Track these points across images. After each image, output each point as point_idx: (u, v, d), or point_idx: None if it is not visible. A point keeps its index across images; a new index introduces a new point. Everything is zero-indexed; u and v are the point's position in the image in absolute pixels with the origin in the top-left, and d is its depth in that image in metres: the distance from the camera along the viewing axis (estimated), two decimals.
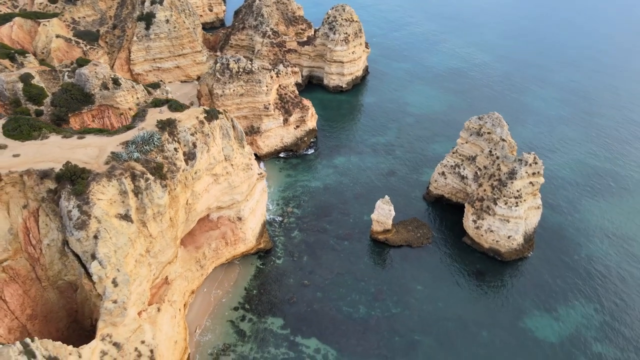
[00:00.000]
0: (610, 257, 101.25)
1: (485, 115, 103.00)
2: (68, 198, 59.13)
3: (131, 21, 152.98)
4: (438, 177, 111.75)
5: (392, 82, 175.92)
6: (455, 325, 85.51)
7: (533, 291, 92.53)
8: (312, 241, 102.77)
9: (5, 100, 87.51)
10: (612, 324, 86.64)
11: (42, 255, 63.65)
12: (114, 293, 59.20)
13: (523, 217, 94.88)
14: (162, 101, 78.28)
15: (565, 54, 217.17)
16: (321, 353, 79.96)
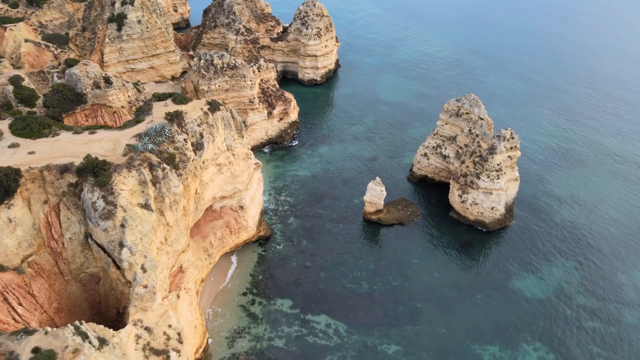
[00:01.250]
0: (581, 221, 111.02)
1: (462, 97, 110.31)
2: (92, 190, 60.63)
3: (101, 23, 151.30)
4: (421, 159, 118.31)
5: (363, 74, 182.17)
6: (451, 292, 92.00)
7: (517, 255, 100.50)
8: (309, 226, 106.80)
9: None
10: (590, 278, 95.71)
11: (65, 249, 64.71)
12: (144, 278, 61.29)
13: (504, 189, 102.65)
14: (166, 95, 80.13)
15: (519, 40, 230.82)
16: (332, 327, 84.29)
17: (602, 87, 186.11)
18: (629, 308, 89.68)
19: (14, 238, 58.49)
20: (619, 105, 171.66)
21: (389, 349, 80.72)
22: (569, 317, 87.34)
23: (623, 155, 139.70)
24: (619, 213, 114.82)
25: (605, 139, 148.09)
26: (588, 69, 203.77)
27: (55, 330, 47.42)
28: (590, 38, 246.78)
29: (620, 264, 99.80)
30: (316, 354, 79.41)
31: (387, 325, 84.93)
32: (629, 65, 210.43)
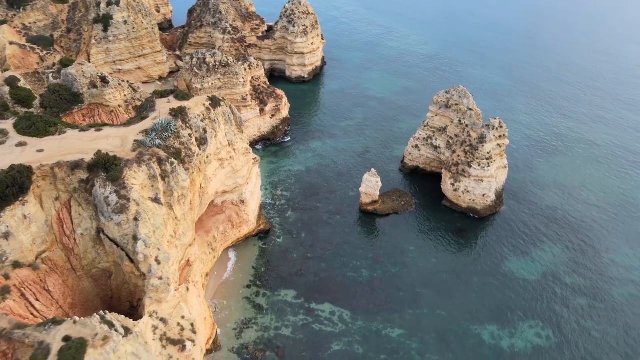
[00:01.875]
0: (566, 204, 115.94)
1: (451, 88, 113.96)
2: (104, 185, 61.55)
3: (87, 24, 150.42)
4: (412, 150, 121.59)
5: (349, 71, 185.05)
6: (449, 276, 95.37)
7: (509, 240, 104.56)
8: (307, 219, 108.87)
9: None
10: (577, 259, 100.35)
11: (76, 245, 65.40)
12: (159, 270, 62.51)
13: (494, 176, 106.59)
14: (167, 92, 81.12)
15: (499, 35, 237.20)
16: (337, 315, 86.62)
17: (577, 78, 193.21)
18: (615, 284, 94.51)
19: (29, 234, 59.04)
20: (593, 95, 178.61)
21: (392, 333, 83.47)
22: (560, 296, 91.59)
23: (600, 142, 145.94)
24: (600, 196, 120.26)
25: (583, 127, 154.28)
26: (564, 62, 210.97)
27: (84, 320, 48.56)
28: (566, 33, 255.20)
29: (604, 244, 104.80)
30: (323, 340, 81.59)
31: (389, 311, 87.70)
32: (602, 58, 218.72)
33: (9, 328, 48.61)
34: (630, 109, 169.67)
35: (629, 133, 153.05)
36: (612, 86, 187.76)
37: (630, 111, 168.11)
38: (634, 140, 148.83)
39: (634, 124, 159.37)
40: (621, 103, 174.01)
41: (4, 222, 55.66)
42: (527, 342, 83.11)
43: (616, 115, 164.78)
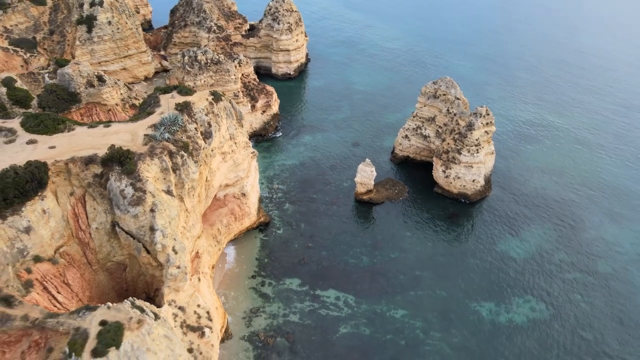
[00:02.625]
0: (549, 187, 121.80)
1: (438, 79, 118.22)
2: (119, 178, 62.82)
3: (70, 25, 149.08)
4: (402, 140, 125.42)
5: (332, 66, 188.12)
6: (446, 259, 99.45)
7: (499, 222, 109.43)
8: (304, 210, 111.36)
9: None
10: (565, 236, 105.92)
11: (92, 239, 66.40)
12: (176, 259, 64.21)
13: (483, 162, 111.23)
14: (170, 87, 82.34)
15: (477, 29, 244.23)
16: (342, 300, 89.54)
17: (551, 70, 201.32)
18: (601, 259, 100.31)
19: (48, 229, 59.93)
20: (566, 85, 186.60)
21: (396, 314, 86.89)
22: (551, 271, 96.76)
23: (573, 128, 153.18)
24: (579, 179, 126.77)
25: (560, 115, 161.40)
26: (539, 55, 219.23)
27: (117, 305, 50.15)
28: (540, 28, 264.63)
29: (588, 221, 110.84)
30: (330, 324, 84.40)
31: (391, 293, 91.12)
32: (573, 52, 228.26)
33: (42, 317, 49.80)
34: (595, 96, 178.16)
35: (598, 118, 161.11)
36: (578, 77, 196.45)
37: (596, 98, 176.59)
38: (603, 124, 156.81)
39: (600, 109, 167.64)
40: (588, 91, 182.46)
41: (25, 217, 56.51)
42: (523, 315, 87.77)
43: (585, 102, 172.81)
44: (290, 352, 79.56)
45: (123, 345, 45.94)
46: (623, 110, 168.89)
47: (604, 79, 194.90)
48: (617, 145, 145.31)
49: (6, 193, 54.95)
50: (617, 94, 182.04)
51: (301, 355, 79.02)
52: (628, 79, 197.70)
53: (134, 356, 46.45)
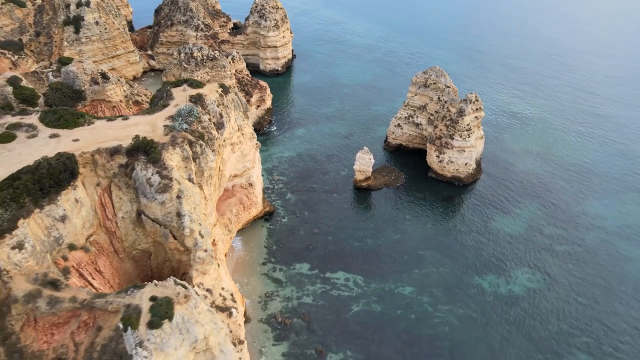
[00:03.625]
0: (535, 169, 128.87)
1: (428, 69, 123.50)
2: (145, 167, 65.07)
3: (56, 26, 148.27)
4: (395, 129, 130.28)
5: (318, 62, 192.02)
6: (445, 238, 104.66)
7: (492, 202, 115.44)
8: (306, 199, 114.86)
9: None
10: (553, 212, 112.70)
11: (118, 228, 68.39)
12: (203, 243, 66.89)
13: (474, 146, 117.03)
14: (181, 81, 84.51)
15: (456, 21, 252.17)
16: (351, 281, 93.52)
17: (532, 58, 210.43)
18: (588, 231, 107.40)
19: (80, 218, 61.81)
20: (540, 75, 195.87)
21: (404, 291, 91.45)
22: (543, 244, 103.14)
23: (554, 113, 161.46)
24: (562, 159, 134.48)
25: (540, 101, 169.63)
26: (518, 45, 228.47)
27: (162, 282, 52.82)
28: (513, 21, 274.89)
29: (573, 198, 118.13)
30: (343, 304, 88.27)
31: (397, 272, 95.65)
32: (544, 41, 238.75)
33: (90, 298, 51.96)
34: (569, 84, 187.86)
35: (571, 104, 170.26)
36: (550, 67, 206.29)
37: (569, 86, 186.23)
38: (576, 109, 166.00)
39: (572, 96, 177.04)
40: (561, 80, 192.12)
41: (61, 206, 58.35)
42: (521, 286, 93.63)
43: (558, 90, 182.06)
44: (308, 331, 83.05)
45: (175, 317, 48.71)
46: (592, 96, 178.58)
47: (576, 67, 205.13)
48: (591, 128, 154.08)
49: (42, 183, 56.69)
50: (588, 81, 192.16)
51: (318, 333, 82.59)
52: (596, 67, 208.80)
53: (184, 328, 49.25)
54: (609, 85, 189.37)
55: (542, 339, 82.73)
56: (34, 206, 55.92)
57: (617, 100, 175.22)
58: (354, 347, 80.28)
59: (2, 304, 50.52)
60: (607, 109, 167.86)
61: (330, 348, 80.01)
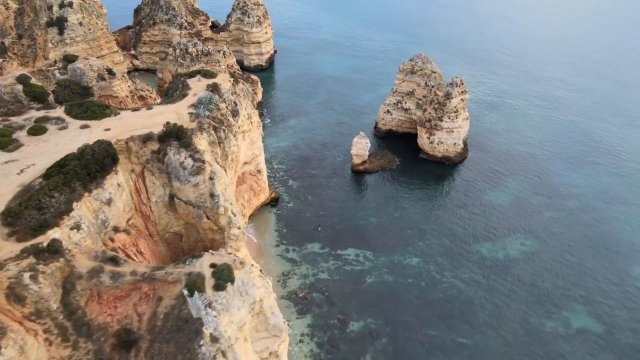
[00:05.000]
0: (516, 146, 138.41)
1: (414, 56, 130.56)
2: (178, 151, 68.53)
3: (39, 28, 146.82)
4: (384, 115, 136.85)
5: (299, 56, 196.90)
6: (442, 212, 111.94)
7: (481, 177, 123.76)
8: (308, 185, 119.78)
9: (6, 104, 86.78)
10: (536, 184, 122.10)
11: (152, 212, 71.55)
12: (236, 221, 70.97)
13: (461, 126, 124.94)
14: (194, 72, 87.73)
15: (423, 17, 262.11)
16: (361, 256, 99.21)
17: (510, 44, 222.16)
18: (569, 198, 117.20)
19: (121, 202, 64.78)
20: (521, 59, 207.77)
21: (411, 262, 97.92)
22: (532, 212, 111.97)
23: (530, 94, 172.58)
24: (540, 136, 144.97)
25: (514, 84, 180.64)
26: (484, 35, 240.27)
27: (216, 252, 56.84)
28: (481, 12, 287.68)
29: (553, 170, 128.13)
30: (357, 276, 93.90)
31: (403, 245, 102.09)
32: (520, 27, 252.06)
33: (149, 271, 55.49)
34: (549, 65, 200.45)
35: (551, 84, 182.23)
36: (531, 51, 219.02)
37: (540, 70, 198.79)
38: (555, 89, 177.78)
39: (551, 79, 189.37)
40: (532, 65, 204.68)
41: (107, 189, 61.31)
42: (516, 250, 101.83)
43: (539, 71, 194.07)
44: (328, 303, 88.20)
45: (236, 281, 52.98)
46: (565, 79, 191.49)
47: (545, 55, 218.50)
48: (563, 107, 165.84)
49: (89, 168, 59.51)
50: (556, 65, 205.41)
51: (338, 305, 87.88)
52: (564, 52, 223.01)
53: (244, 290, 53.57)
54: (573, 69, 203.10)
55: (540, 294, 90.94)
56: (84, 190, 58.72)
57: (572, 85, 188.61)
58: (373, 314, 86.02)
59: (66, 282, 53.38)
60: (570, 93, 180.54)
61: (351, 317, 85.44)
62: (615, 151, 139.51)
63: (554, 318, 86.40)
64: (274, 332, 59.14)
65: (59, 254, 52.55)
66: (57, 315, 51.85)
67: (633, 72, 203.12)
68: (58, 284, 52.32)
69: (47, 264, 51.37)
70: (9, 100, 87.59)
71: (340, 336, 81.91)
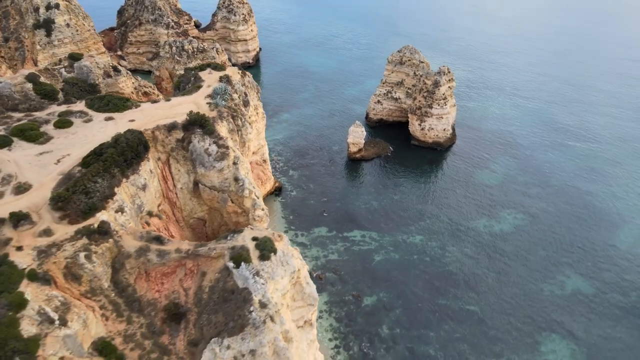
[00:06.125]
0: (499, 130, 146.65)
1: (402, 48, 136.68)
2: (202, 139, 71.80)
3: (26, 31, 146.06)
4: (375, 105, 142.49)
5: (284, 53, 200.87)
6: (439, 193, 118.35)
7: (470, 159, 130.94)
8: (308, 174, 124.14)
9: (17, 102, 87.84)
10: (521, 164, 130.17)
11: (178, 198, 74.54)
12: (260, 203, 74.82)
13: (449, 113, 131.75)
14: (205, 65, 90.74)
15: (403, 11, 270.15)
16: (367, 236, 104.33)
17: (495, 30, 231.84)
18: (553, 175, 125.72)
19: (153, 188, 67.71)
20: (487, 50, 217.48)
21: (415, 239, 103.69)
22: (520, 190, 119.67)
23: (506, 82, 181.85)
24: (521, 119, 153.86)
25: (491, 72, 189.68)
26: (459, 27, 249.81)
27: (254, 227, 60.61)
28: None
29: (535, 151, 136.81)
30: (365, 256, 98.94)
31: (405, 225, 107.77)
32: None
33: (192, 248, 58.88)
34: (515, 55, 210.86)
35: (526, 71, 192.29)
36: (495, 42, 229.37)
37: (514, 58, 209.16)
38: (533, 76, 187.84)
39: (521, 66, 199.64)
40: (509, 54, 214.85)
41: (142, 175, 64.18)
42: (509, 225, 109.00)
43: (507, 62, 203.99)
44: (341, 281, 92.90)
45: (278, 251, 57.04)
46: (537, 64, 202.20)
47: (517, 44, 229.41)
48: (542, 92, 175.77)
49: (125, 155, 62.36)
50: (530, 52, 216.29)
51: (350, 282, 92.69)
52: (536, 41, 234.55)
53: (285, 260, 57.71)
54: (548, 55, 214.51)
55: (535, 262, 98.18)
56: (122, 176, 61.53)
57: (539, 72, 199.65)
58: (385, 289, 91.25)
59: (114, 261, 56.29)
60: (553, 76, 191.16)
61: (365, 292, 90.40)
62: (586, 132, 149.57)
63: (549, 282, 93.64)
64: (309, 301, 63.43)
65: (108, 235, 55.40)
66: (109, 292, 54.75)
67: (589, 61, 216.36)
68: (108, 263, 55.19)
69: (98, 245, 54.17)
70: (19, 99, 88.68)
71: (356, 310, 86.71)
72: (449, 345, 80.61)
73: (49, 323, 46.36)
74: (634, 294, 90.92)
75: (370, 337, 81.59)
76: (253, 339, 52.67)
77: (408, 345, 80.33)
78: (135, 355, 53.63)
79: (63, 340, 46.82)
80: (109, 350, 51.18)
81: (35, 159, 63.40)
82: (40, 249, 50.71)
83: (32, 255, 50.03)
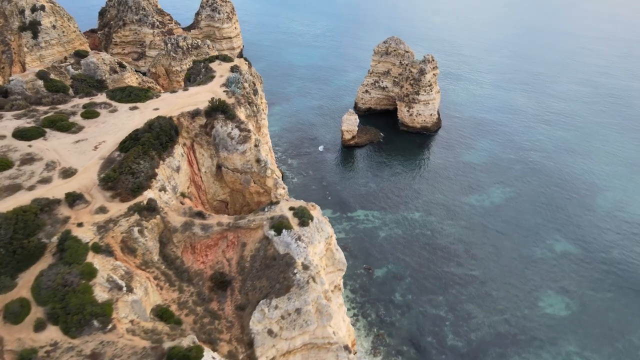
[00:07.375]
0: (482, 113, 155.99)
1: (388, 39, 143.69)
2: (225, 124, 76.00)
3: (11, 33, 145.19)
4: (363, 95, 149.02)
5: (268, 49, 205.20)
6: (431, 174, 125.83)
7: (457, 142, 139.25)
8: (305, 162, 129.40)
9: (29, 99, 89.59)
10: (505, 143, 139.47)
11: (203, 182, 78.50)
12: (281, 182, 79.68)
13: (435, 98, 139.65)
14: (213, 57, 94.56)
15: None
16: (370, 215, 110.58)
17: (451, 29, 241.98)
18: (534, 152, 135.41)
19: (184, 170, 71.56)
20: (465, 40, 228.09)
21: (415, 216, 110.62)
22: (505, 167, 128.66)
23: (488, 68, 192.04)
24: (503, 104, 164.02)
25: (471, 59, 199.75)
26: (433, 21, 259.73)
27: (289, 199, 65.56)
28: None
29: (517, 131, 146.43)
30: (371, 232, 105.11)
31: (404, 203, 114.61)
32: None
33: (233, 220, 63.35)
34: (495, 44, 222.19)
35: (509, 59, 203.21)
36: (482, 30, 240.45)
37: (495, 46, 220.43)
38: (514, 64, 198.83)
39: (500, 55, 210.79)
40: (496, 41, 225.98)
41: (176, 157, 68.05)
42: (499, 198, 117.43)
43: (494, 46, 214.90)
44: (351, 257, 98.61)
45: (314, 219, 62.27)
46: (516, 52, 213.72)
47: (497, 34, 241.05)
48: (522, 76, 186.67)
49: (161, 139, 66.14)
50: (510, 42, 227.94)
51: (360, 257, 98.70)
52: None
53: (320, 227, 63.03)
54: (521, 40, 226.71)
55: (526, 229, 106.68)
56: (159, 158, 65.32)
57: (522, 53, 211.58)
58: (392, 261, 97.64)
59: (162, 236, 60.26)
60: (530, 61, 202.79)
61: (374, 265, 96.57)
62: (561, 112, 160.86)
63: (540, 247, 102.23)
64: (339, 266, 68.94)
65: (155, 211, 59.27)
66: (159, 265, 58.72)
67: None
68: (156, 238, 59.12)
69: (148, 220, 58.04)
70: (30, 96, 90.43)
71: (369, 282, 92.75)
72: (458, 306, 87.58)
73: (117, 290, 50.15)
74: (615, 251, 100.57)
75: (385, 304, 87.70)
76: (298, 298, 57.73)
77: (420, 309, 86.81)
78: (190, 320, 57.88)
79: (131, 305, 50.73)
80: (168, 315, 55.24)
81: (72, 147, 66.27)
82: (100, 225, 54.23)
83: (93, 230, 53.54)
